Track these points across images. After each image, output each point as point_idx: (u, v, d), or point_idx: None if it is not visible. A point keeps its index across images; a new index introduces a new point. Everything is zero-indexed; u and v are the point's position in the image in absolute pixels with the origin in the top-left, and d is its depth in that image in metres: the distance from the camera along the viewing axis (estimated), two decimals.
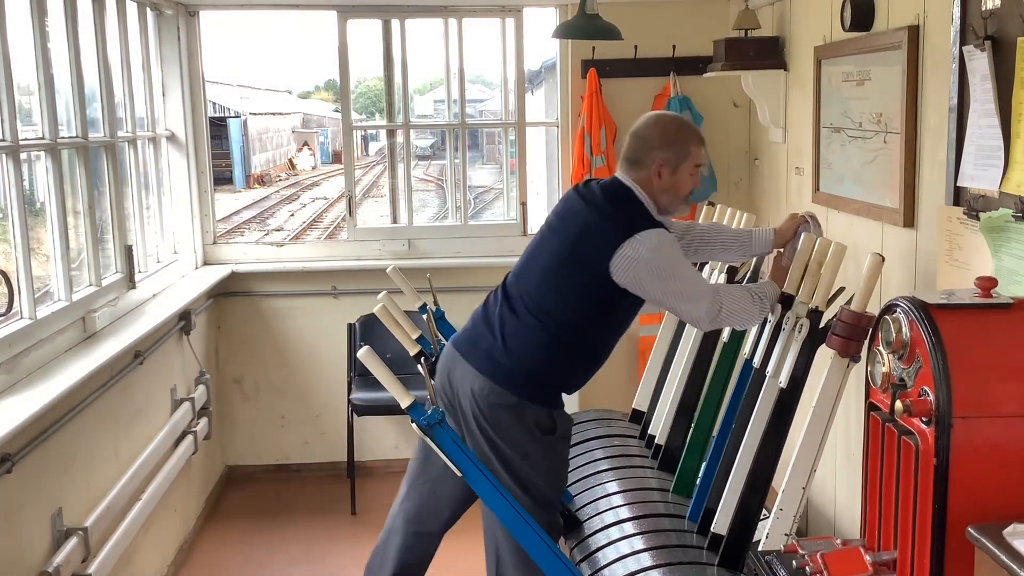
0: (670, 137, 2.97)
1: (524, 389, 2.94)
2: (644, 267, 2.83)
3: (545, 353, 2.94)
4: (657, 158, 2.94)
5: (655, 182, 2.95)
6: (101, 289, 3.77)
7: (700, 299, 2.88)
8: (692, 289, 2.89)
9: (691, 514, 3.24)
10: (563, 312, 2.94)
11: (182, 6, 4.92)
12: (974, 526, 1.84)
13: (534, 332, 2.95)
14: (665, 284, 2.87)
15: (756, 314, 2.99)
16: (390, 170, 5.62)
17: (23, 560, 2.84)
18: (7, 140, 3.10)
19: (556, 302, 2.95)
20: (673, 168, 2.95)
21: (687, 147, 2.97)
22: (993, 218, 2.52)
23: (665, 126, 3.02)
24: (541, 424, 2.96)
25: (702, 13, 5.09)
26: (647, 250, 2.82)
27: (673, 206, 3.03)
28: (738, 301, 2.95)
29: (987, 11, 2.56)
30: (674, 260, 2.89)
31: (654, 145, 2.95)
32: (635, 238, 2.83)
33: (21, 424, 2.66)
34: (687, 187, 3.00)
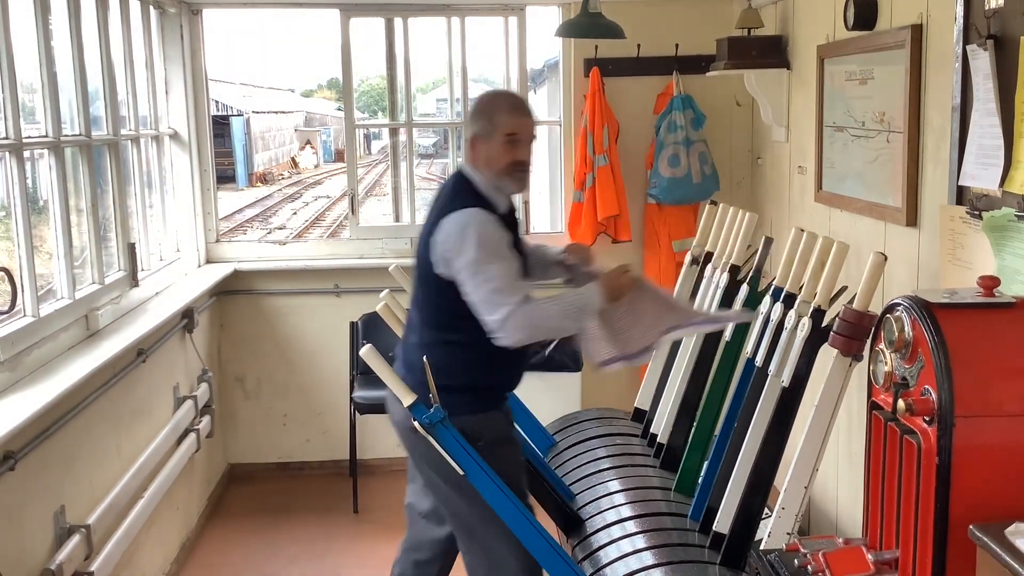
0: (478, 110, 2.89)
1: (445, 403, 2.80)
2: (448, 251, 2.74)
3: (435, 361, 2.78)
4: (471, 134, 2.88)
5: (476, 158, 2.87)
6: (104, 287, 3.78)
7: (498, 300, 2.71)
8: (493, 283, 2.71)
9: (693, 513, 3.24)
10: (430, 315, 2.90)
11: (185, 4, 4.92)
12: (976, 525, 1.84)
13: (421, 343, 2.88)
14: (464, 269, 2.72)
15: (567, 327, 2.85)
16: (393, 168, 5.61)
17: (26, 558, 2.84)
18: (11, 138, 3.10)
19: (422, 307, 2.91)
20: (486, 139, 2.84)
21: (493, 116, 2.84)
22: (995, 217, 2.52)
23: (476, 101, 2.96)
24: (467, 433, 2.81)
25: (705, 12, 5.08)
26: (453, 231, 2.74)
27: (500, 181, 2.86)
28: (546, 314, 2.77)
29: (990, 10, 2.56)
30: (481, 242, 2.72)
31: (468, 122, 2.92)
32: (443, 221, 2.77)
33: (24, 422, 2.67)
34: (504, 158, 2.83)
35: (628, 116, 5.11)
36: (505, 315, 2.70)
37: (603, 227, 5.07)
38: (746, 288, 3.40)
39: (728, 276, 3.57)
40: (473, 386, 2.88)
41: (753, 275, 3.45)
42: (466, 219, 2.75)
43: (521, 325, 2.71)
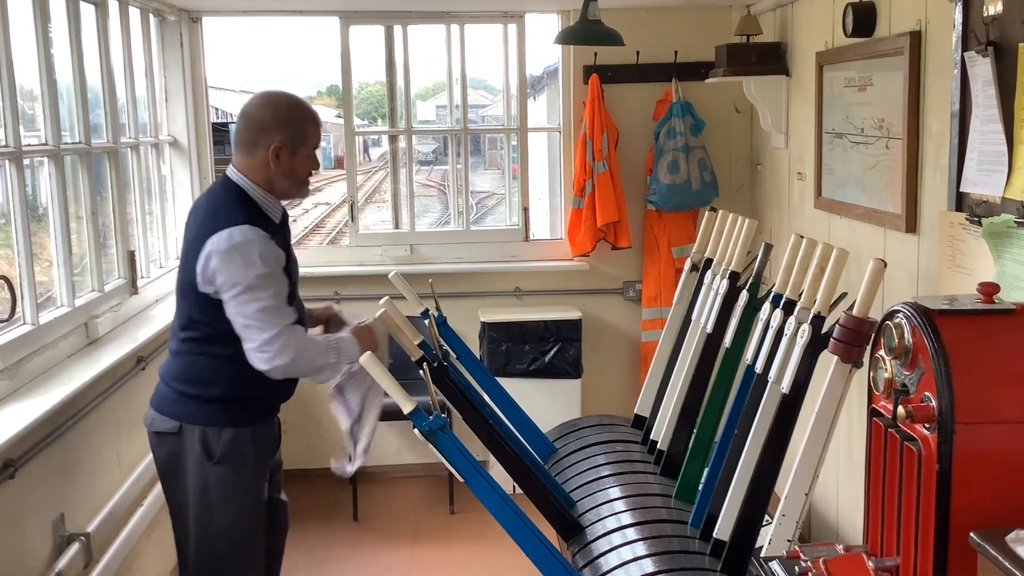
0: (285, 118, 2.78)
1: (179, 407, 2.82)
2: (214, 271, 2.65)
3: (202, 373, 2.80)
4: (275, 141, 2.75)
5: (272, 166, 2.76)
6: (104, 295, 3.78)
7: (264, 324, 2.65)
8: (258, 306, 2.65)
9: (694, 520, 3.24)
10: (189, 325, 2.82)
11: (185, 12, 4.93)
12: (977, 532, 1.84)
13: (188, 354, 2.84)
14: (233, 285, 2.65)
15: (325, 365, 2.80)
16: (392, 175, 5.62)
17: (25, 566, 2.83)
18: (10, 146, 3.10)
19: (188, 319, 2.83)
20: (292, 151, 2.77)
21: (304, 128, 2.79)
22: (995, 223, 2.52)
23: (278, 106, 2.80)
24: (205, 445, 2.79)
25: (704, 19, 5.09)
26: (219, 250, 2.64)
27: (293, 191, 2.85)
28: (309, 347, 2.75)
29: (989, 17, 2.56)
30: (248, 263, 2.65)
31: (270, 127, 2.75)
32: (211, 239, 2.65)
33: (23, 430, 2.67)
34: (306, 170, 2.83)
35: (627, 123, 5.12)
36: (271, 336, 2.66)
37: (603, 234, 5.07)
38: (746, 294, 3.40)
39: (728, 282, 3.56)
40: (219, 398, 2.81)
41: (753, 281, 3.44)
42: (238, 238, 2.65)
43: (285, 349, 2.67)
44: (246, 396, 2.85)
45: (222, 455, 2.80)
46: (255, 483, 2.91)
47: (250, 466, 2.87)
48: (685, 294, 3.96)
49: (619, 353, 5.36)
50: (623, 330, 5.36)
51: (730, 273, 3.58)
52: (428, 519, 4.80)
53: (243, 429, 2.84)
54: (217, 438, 2.79)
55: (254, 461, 2.89)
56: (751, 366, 3.21)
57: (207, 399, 2.80)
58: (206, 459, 2.80)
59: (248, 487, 2.88)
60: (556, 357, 5.04)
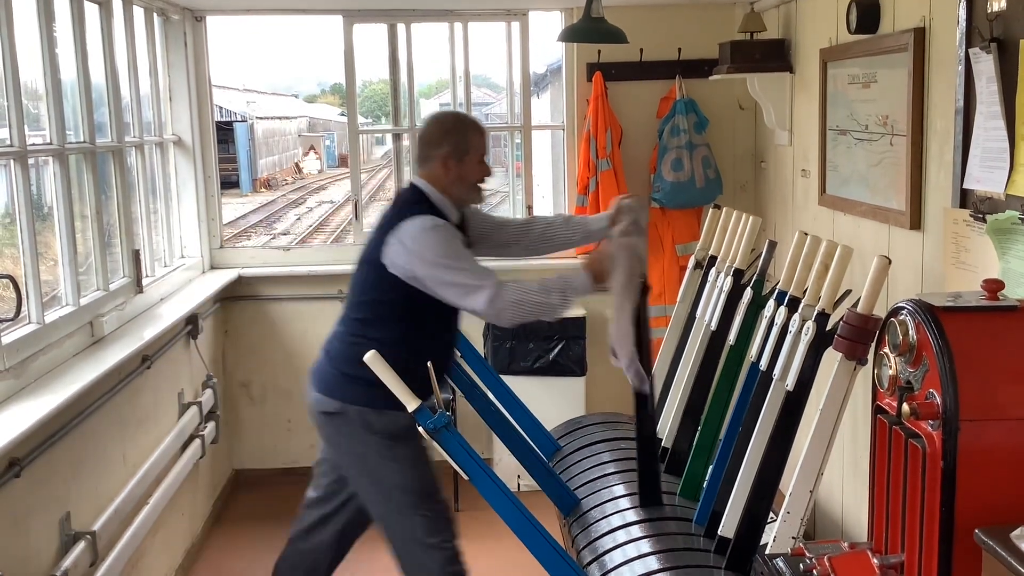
0: (449, 130, 3.11)
1: (341, 391, 3.05)
2: (408, 254, 2.92)
3: (352, 351, 2.98)
4: (441, 152, 3.06)
5: (443, 174, 3.07)
6: (109, 293, 3.78)
7: (477, 291, 2.91)
8: (465, 279, 2.92)
9: (698, 517, 3.24)
10: (361, 309, 3.09)
11: (189, 11, 4.93)
12: (982, 529, 1.84)
13: (344, 335, 3.11)
14: (433, 271, 2.92)
15: (554, 304, 2.99)
16: (396, 173, 5.62)
17: (31, 564, 2.84)
18: (15, 146, 3.11)
19: (356, 302, 3.12)
20: (458, 159, 3.07)
21: (466, 137, 3.10)
22: (999, 220, 2.51)
23: (443, 121, 3.18)
24: (369, 425, 3.03)
25: (707, 16, 5.09)
26: (409, 236, 2.93)
27: (468, 195, 3.14)
28: (527, 293, 2.96)
29: (993, 13, 2.56)
30: (441, 244, 2.94)
31: (436, 141, 3.09)
32: (400, 227, 2.94)
33: (29, 428, 2.67)
34: (475, 176, 3.11)
35: (631, 120, 5.12)
36: (488, 297, 2.90)
37: None
38: (750, 292, 3.40)
39: (732, 280, 3.56)
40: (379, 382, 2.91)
41: (757, 279, 3.44)
42: (428, 223, 2.96)
43: (506, 303, 2.91)
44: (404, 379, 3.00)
45: (391, 433, 3.02)
46: (416, 454, 3.11)
47: (411, 441, 3.04)
48: (689, 292, 3.96)
49: None
50: None
51: (734, 270, 3.58)
52: None
53: (402, 412, 2.95)
54: (378, 418, 3.01)
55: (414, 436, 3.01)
56: (755, 363, 3.21)
57: (368, 382, 2.89)
58: (369, 434, 3.04)
59: (411, 458, 3.09)
60: (560, 355, 5.04)
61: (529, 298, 2.96)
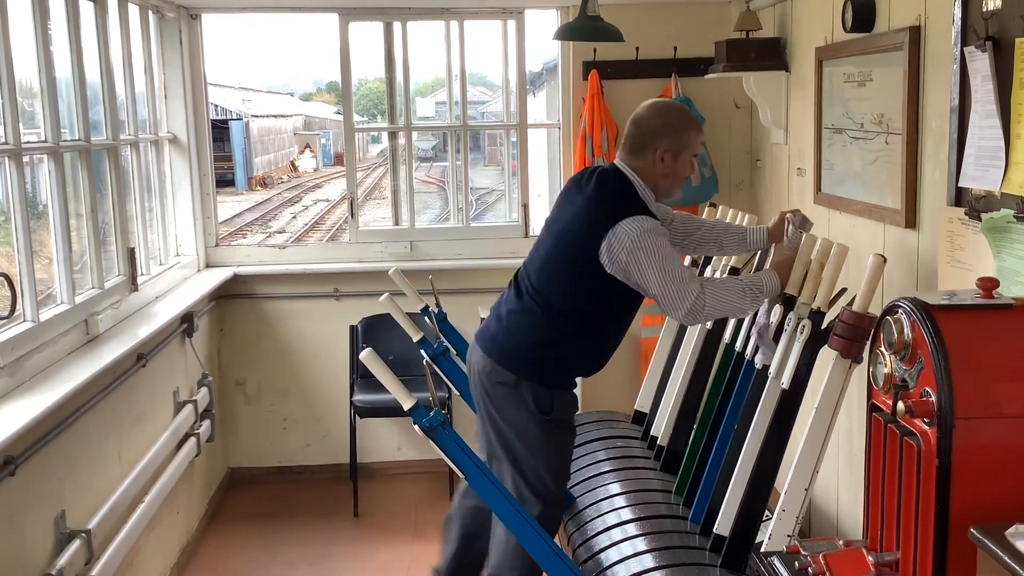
0: (673, 125, 3.07)
1: (521, 367, 3.05)
2: (629, 254, 2.91)
3: (541, 335, 3.05)
4: (661, 145, 3.03)
5: (657, 168, 3.05)
6: (103, 292, 3.78)
7: (684, 293, 2.94)
8: (677, 281, 2.94)
9: (694, 515, 3.24)
10: (558, 296, 3.06)
11: (184, 9, 4.93)
12: (976, 527, 1.84)
13: (531, 315, 3.09)
14: (649, 273, 2.93)
15: (745, 307, 3.04)
16: (392, 172, 5.61)
17: (26, 563, 2.84)
18: (9, 143, 3.10)
19: (551, 287, 3.07)
20: (675, 155, 3.05)
21: (688, 134, 3.08)
22: (994, 219, 2.52)
23: (667, 113, 3.12)
24: (540, 403, 3.04)
25: (703, 14, 5.09)
26: (631, 238, 2.91)
27: (673, 191, 3.14)
28: (724, 296, 2.99)
29: (988, 12, 2.56)
30: (659, 248, 2.94)
31: (658, 132, 3.05)
32: (619, 225, 2.92)
33: (24, 427, 2.67)
34: (686, 173, 3.12)
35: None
36: (691, 304, 2.94)
37: None
38: None
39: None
40: (562, 367, 3.10)
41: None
42: (648, 225, 2.95)
43: (705, 308, 2.96)
44: (576, 366, 3.14)
45: (549, 411, 3.06)
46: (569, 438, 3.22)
47: (569, 426, 3.18)
48: None
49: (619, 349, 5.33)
50: None
51: (730, 269, 3.59)
52: (428, 515, 4.79)
53: (569, 393, 3.13)
54: (547, 396, 3.05)
55: (571, 420, 3.19)
56: (749, 360, 3.22)
57: (548, 362, 3.05)
58: (538, 412, 3.06)
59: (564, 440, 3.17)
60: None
61: (724, 303, 2.99)
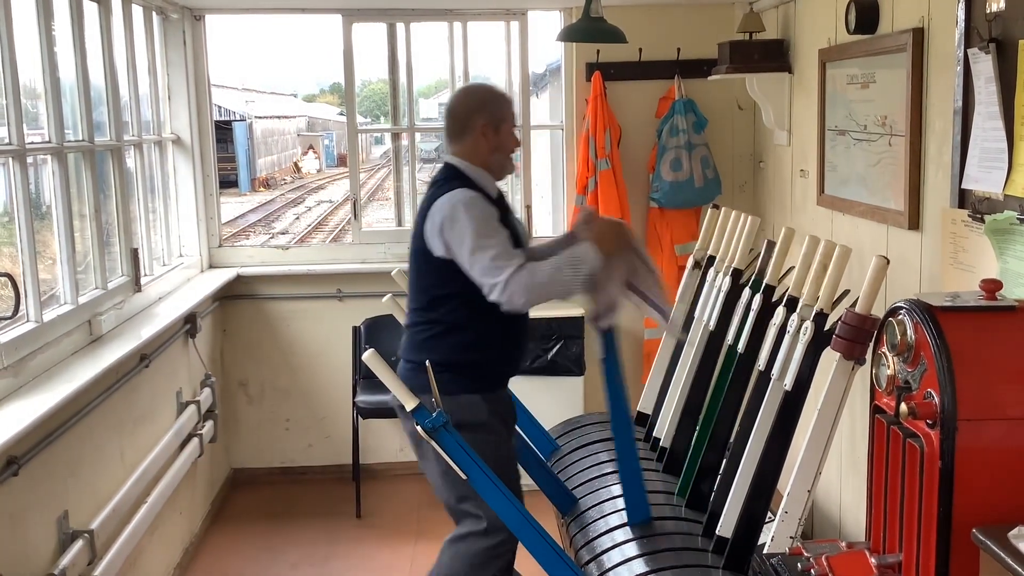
0: (484, 99, 3.12)
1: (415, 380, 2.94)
2: (441, 227, 2.92)
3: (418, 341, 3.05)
4: (479, 121, 3.06)
5: (481, 144, 3.07)
6: (107, 292, 3.78)
7: (497, 266, 2.86)
8: (489, 252, 2.87)
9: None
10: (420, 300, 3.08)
11: (188, 10, 4.93)
12: (979, 528, 1.84)
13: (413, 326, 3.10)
14: (461, 244, 2.89)
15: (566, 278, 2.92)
16: (395, 173, 5.62)
17: (29, 563, 2.84)
18: (13, 144, 3.11)
19: (414, 295, 3.11)
20: (496, 127, 3.08)
21: (501, 106, 3.12)
22: (998, 220, 2.52)
23: (476, 92, 3.23)
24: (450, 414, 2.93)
25: (706, 16, 5.09)
26: (442, 212, 2.92)
27: (507, 165, 3.15)
28: (541, 268, 2.89)
29: (991, 14, 2.56)
30: (471, 217, 2.90)
31: (473, 110, 3.09)
32: (435, 203, 2.96)
33: (27, 427, 2.67)
34: (512, 146, 3.13)
35: (630, 120, 5.12)
36: (505, 280, 2.85)
37: None
38: (748, 291, 3.40)
39: (731, 280, 3.57)
40: (450, 365, 2.97)
41: (755, 279, 3.45)
42: (457, 197, 2.94)
43: (520, 287, 2.85)
44: (469, 362, 3.02)
45: (459, 421, 2.91)
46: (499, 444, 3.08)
47: (492, 429, 3.04)
48: (688, 291, 3.96)
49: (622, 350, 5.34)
50: (626, 327, 5.33)
51: (733, 270, 3.59)
52: (431, 516, 4.79)
53: (474, 395, 3.01)
54: (453, 405, 2.91)
55: (495, 424, 3.06)
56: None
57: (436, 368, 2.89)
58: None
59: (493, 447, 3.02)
60: (559, 355, 5.04)
61: (538, 279, 2.88)
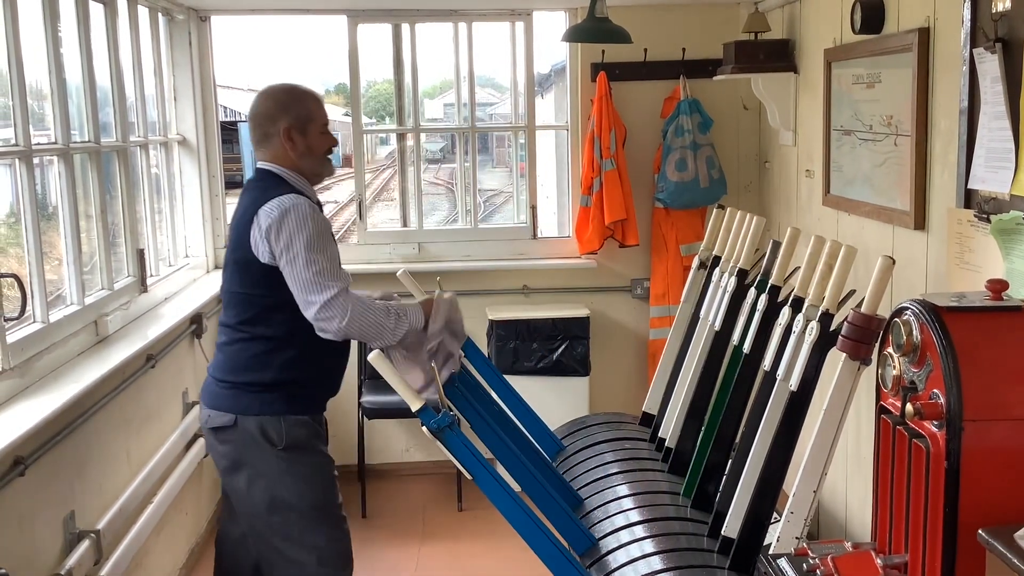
0: (283, 102, 2.93)
1: (234, 401, 2.87)
2: (269, 229, 2.76)
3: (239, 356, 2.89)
4: (280, 125, 2.89)
5: (289, 150, 2.91)
6: (113, 293, 3.79)
7: (323, 283, 2.73)
8: (315, 269, 2.73)
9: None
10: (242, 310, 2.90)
11: (193, 11, 4.94)
12: (985, 529, 1.84)
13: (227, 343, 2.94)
14: (289, 248, 2.74)
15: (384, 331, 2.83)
16: (400, 174, 5.63)
17: (36, 563, 2.85)
18: (20, 145, 3.11)
19: (235, 305, 2.92)
20: (301, 130, 2.91)
21: (305, 105, 2.94)
22: (1004, 220, 2.51)
23: (274, 94, 2.97)
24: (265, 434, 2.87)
25: (712, 16, 5.09)
26: (270, 217, 2.76)
27: (321, 169, 2.99)
28: (370, 306, 2.81)
29: (997, 13, 2.55)
30: (303, 227, 2.76)
31: (272, 115, 2.91)
32: (264, 207, 2.78)
33: (34, 427, 2.68)
34: (322, 146, 2.96)
35: (635, 120, 5.12)
36: (329, 297, 2.73)
37: (610, 231, 5.07)
38: (754, 292, 3.40)
39: (736, 280, 3.56)
40: (283, 383, 2.88)
41: (761, 279, 3.44)
42: (288, 203, 2.78)
43: (344, 310, 2.73)
44: (294, 380, 2.90)
45: (287, 443, 2.87)
46: (325, 465, 3.01)
47: (316, 450, 2.97)
48: (693, 292, 3.96)
49: (627, 351, 5.36)
50: (631, 328, 5.36)
51: (738, 271, 3.58)
52: (436, 517, 4.80)
53: (301, 416, 2.91)
54: (276, 426, 2.87)
55: (318, 446, 2.99)
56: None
57: (260, 387, 2.84)
58: (270, 447, 2.87)
59: (319, 468, 2.97)
60: (564, 355, 5.05)
61: (367, 316, 2.78)
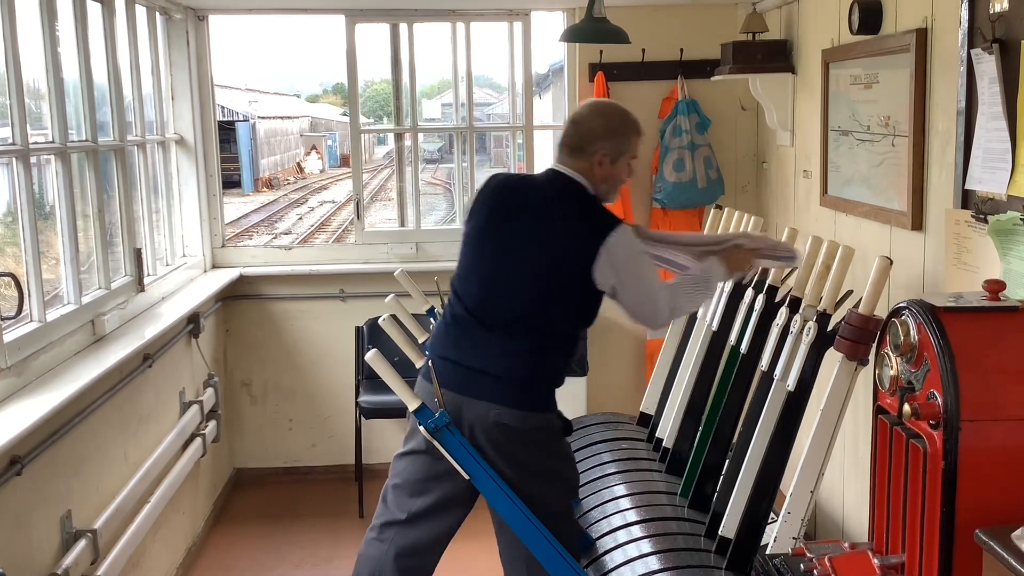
0: (613, 128, 2.96)
1: (534, 403, 2.93)
2: (623, 271, 2.85)
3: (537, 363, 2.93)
4: (599, 149, 2.92)
5: (596, 171, 2.94)
6: (110, 292, 3.79)
7: (662, 304, 2.94)
8: (656, 292, 2.93)
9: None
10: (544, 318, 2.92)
11: (191, 10, 4.94)
12: (983, 529, 1.84)
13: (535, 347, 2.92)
14: (639, 287, 2.90)
15: (703, 299, 3.14)
16: (398, 173, 5.63)
17: (33, 562, 2.85)
18: (17, 144, 3.11)
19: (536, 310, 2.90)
20: (613, 159, 2.94)
21: (628, 139, 2.97)
22: (1001, 221, 2.51)
23: (609, 117, 2.99)
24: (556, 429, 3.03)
25: (709, 16, 5.09)
26: (624, 255, 2.85)
27: (610, 196, 3.03)
28: (689, 293, 3.02)
29: (995, 14, 2.56)
30: (647, 266, 3.00)
31: (597, 135, 2.93)
32: (610, 240, 2.82)
33: (31, 427, 2.67)
34: (623, 178, 3.01)
35: None
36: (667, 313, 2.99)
37: None
38: (751, 292, 3.40)
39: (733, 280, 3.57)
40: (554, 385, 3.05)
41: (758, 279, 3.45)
42: (631, 238, 2.90)
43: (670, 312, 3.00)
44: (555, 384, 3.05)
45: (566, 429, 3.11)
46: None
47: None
48: None
49: (625, 351, 5.36)
50: (628, 328, 5.35)
51: None
52: None
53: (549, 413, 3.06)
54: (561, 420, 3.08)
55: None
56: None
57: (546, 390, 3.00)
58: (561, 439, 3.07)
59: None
60: None
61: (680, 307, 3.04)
